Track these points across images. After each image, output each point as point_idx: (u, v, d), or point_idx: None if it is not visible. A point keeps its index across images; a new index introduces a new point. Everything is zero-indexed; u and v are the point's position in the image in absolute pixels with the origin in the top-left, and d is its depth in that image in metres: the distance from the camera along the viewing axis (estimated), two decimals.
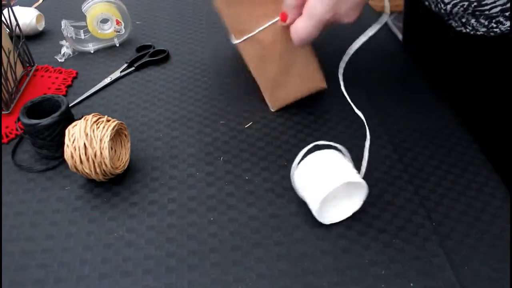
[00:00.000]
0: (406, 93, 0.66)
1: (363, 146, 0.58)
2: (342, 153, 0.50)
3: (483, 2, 0.54)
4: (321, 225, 0.48)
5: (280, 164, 0.55)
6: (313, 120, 0.62)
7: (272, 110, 0.63)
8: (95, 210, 0.50)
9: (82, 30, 0.76)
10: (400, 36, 0.91)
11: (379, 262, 0.45)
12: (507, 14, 0.54)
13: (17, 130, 0.60)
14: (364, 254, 0.46)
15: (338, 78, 0.59)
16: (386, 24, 0.84)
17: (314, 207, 0.47)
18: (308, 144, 0.58)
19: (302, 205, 0.50)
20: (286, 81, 0.61)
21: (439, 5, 0.59)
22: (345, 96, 0.64)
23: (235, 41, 0.59)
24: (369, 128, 0.60)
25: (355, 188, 0.48)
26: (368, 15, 0.86)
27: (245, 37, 0.58)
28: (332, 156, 0.48)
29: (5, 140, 0.59)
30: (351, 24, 0.50)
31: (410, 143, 0.58)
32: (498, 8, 0.54)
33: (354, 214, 0.49)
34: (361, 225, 0.48)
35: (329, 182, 0.45)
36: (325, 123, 0.61)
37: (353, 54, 0.74)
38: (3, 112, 0.63)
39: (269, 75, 0.60)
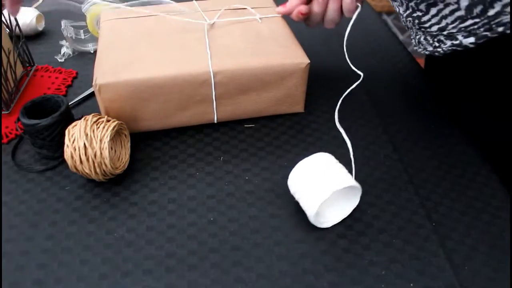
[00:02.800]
0: (406, 93, 0.66)
1: (364, 146, 0.58)
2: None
3: (422, 20, 0.53)
4: None
5: (280, 164, 0.55)
6: (313, 120, 0.62)
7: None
8: (95, 210, 0.50)
9: (82, 30, 0.76)
10: (400, 36, 0.91)
11: (379, 262, 0.45)
12: (445, 33, 0.52)
13: (17, 130, 0.60)
14: (364, 254, 0.46)
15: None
16: (386, 24, 0.84)
17: (310, 214, 0.46)
18: (308, 144, 0.58)
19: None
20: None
21: (400, 17, 0.59)
22: (345, 97, 0.64)
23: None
24: (369, 129, 0.60)
25: (350, 190, 0.48)
26: (368, 15, 0.87)
27: None
28: (324, 161, 0.48)
29: (5, 140, 0.59)
30: None
31: (410, 143, 0.58)
32: (436, 27, 0.52)
33: (354, 214, 0.49)
34: (361, 225, 0.48)
35: (323, 189, 0.45)
36: (325, 123, 0.61)
37: (352, 54, 0.74)
38: (3, 112, 0.63)
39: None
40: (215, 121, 0.60)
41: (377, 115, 0.62)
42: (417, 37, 0.58)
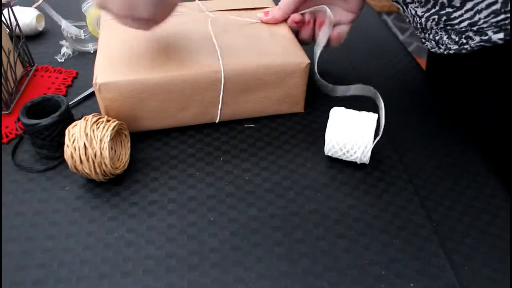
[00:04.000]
0: (405, 93, 0.66)
1: None
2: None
3: (452, 16, 0.54)
4: (321, 225, 0.48)
5: (280, 164, 0.55)
6: (313, 120, 0.62)
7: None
8: (95, 210, 0.50)
9: (82, 30, 0.76)
10: (400, 36, 0.91)
11: (379, 262, 0.45)
12: (475, 28, 0.53)
13: (17, 130, 0.60)
14: (364, 254, 0.46)
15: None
16: (386, 24, 0.84)
17: (366, 149, 0.51)
18: (308, 144, 0.58)
19: (303, 205, 0.50)
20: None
21: (415, 19, 0.59)
22: (347, 97, 0.64)
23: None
24: None
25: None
26: (368, 15, 0.86)
27: None
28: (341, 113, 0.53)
29: (5, 140, 0.59)
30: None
31: (410, 143, 0.58)
32: (466, 22, 0.53)
33: (354, 213, 0.49)
34: (361, 225, 0.48)
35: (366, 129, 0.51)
36: (325, 123, 0.61)
37: (352, 54, 0.74)
38: (3, 112, 0.63)
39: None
40: (216, 121, 0.60)
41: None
42: (437, 37, 0.58)
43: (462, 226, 0.48)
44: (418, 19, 0.58)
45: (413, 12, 0.59)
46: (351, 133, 0.51)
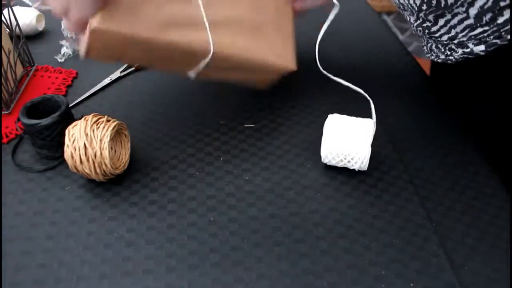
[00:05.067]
0: (405, 92, 0.66)
1: None
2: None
3: (432, 30, 0.54)
4: (321, 225, 0.48)
5: (280, 164, 0.56)
6: (313, 120, 0.62)
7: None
8: (95, 210, 0.50)
9: None
10: (400, 36, 0.91)
11: (379, 262, 0.45)
12: (455, 41, 0.53)
13: (17, 130, 0.60)
14: (364, 254, 0.46)
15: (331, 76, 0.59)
16: (386, 24, 0.84)
17: (364, 159, 0.51)
18: (308, 144, 0.58)
19: (303, 205, 0.50)
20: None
21: (410, 26, 0.60)
22: (345, 96, 0.64)
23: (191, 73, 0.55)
24: None
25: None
26: (368, 15, 0.86)
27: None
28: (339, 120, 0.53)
29: (5, 140, 0.59)
30: None
31: (410, 143, 0.58)
32: (446, 36, 0.53)
33: (354, 213, 0.49)
34: (361, 225, 0.48)
35: (363, 133, 0.51)
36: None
37: (352, 54, 0.74)
38: (3, 112, 0.63)
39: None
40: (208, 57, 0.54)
41: (377, 115, 0.62)
42: (429, 45, 0.59)
43: (462, 226, 0.48)
44: (412, 26, 0.59)
45: (407, 19, 0.59)
46: (347, 149, 0.51)
